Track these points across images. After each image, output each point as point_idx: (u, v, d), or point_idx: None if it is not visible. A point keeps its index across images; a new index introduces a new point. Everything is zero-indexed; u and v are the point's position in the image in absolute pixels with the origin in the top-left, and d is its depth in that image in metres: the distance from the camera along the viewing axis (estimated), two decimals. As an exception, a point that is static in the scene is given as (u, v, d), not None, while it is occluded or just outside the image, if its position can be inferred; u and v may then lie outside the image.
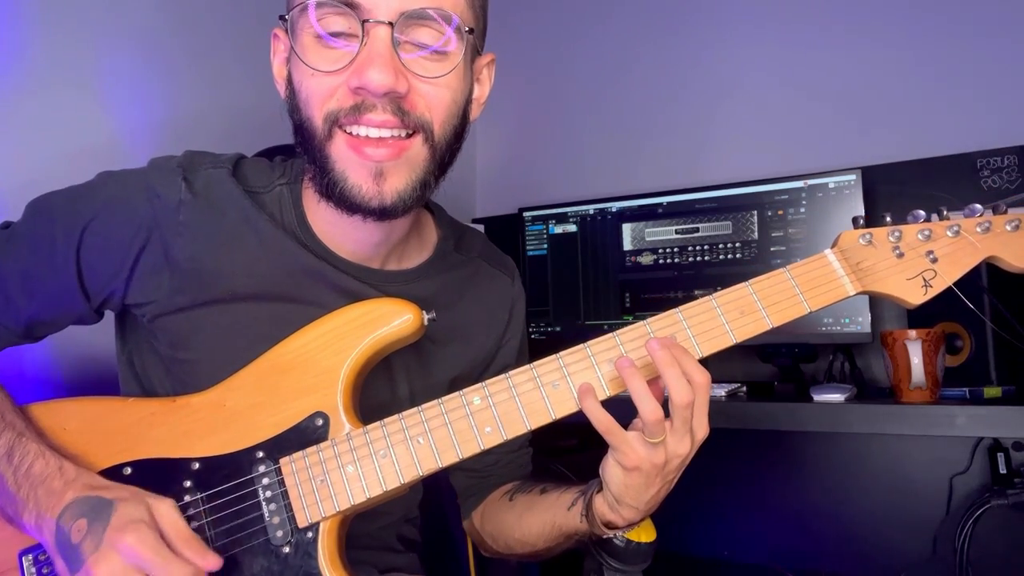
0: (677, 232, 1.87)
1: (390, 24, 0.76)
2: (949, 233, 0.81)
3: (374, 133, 0.77)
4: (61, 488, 0.76)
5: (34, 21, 1.39)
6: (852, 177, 1.68)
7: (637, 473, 0.77)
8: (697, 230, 1.84)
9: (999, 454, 1.54)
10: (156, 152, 0.91)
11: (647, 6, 2.16)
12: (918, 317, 1.53)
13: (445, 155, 0.83)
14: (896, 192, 1.75)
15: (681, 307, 0.80)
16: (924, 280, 0.81)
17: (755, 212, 1.78)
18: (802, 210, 1.73)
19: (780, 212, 1.75)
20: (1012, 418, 1.28)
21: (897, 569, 1.68)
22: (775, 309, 0.80)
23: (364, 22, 0.76)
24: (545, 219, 2.04)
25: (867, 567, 1.73)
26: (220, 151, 0.92)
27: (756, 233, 1.78)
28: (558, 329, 2.00)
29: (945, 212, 0.83)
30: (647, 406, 0.74)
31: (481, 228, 2.20)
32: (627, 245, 1.92)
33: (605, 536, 0.87)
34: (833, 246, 0.83)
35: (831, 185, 1.70)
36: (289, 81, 0.83)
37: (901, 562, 1.68)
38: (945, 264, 0.81)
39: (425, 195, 0.83)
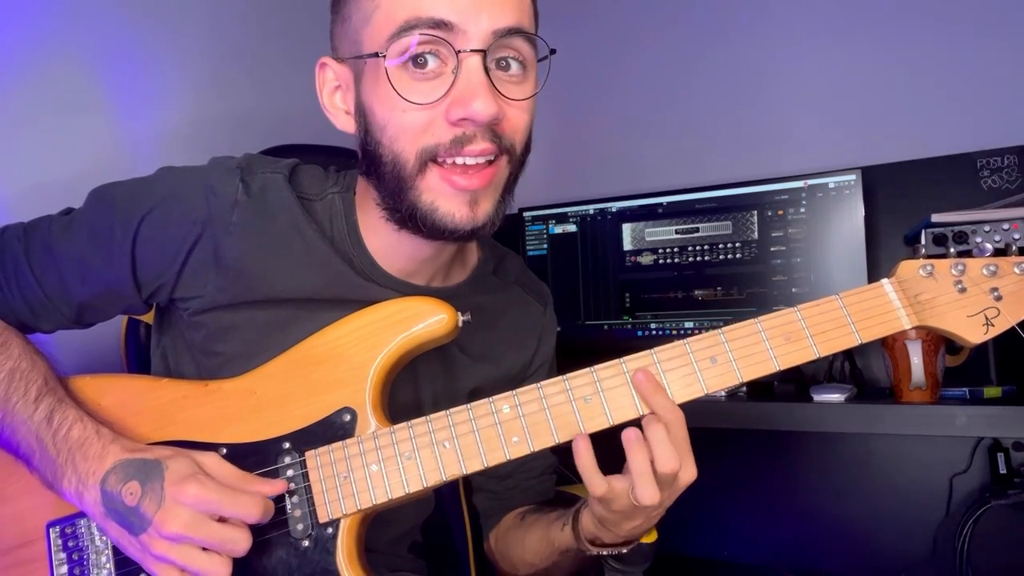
0: (677, 232, 1.87)
1: (483, 52, 0.75)
2: (1017, 270, 0.77)
3: (471, 161, 0.77)
4: (99, 452, 0.77)
5: (38, 23, 1.39)
6: (852, 177, 1.68)
7: (620, 514, 0.78)
8: (697, 230, 1.84)
9: (999, 454, 1.54)
10: (161, 158, 0.91)
11: (646, 9, 2.16)
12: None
13: (518, 171, 0.84)
14: (896, 192, 1.75)
15: (725, 328, 0.78)
16: (986, 318, 0.76)
17: (755, 212, 1.78)
18: (802, 210, 1.73)
19: (780, 212, 1.75)
20: (1012, 418, 1.28)
21: (897, 569, 1.68)
22: (823, 338, 0.76)
23: (458, 52, 0.75)
24: (545, 219, 2.05)
25: (867, 567, 1.73)
26: (223, 154, 0.91)
27: (756, 233, 1.78)
28: (558, 329, 1.98)
29: (1014, 248, 0.78)
30: (647, 490, 0.74)
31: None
32: (627, 245, 1.92)
33: (590, 553, 0.86)
34: (891, 275, 0.79)
35: (831, 185, 1.70)
36: (361, 114, 0.81)
37: (901, 562, 1.68)
38: (1010, 303, 0.76)
39: (503, 211, 0.84)
